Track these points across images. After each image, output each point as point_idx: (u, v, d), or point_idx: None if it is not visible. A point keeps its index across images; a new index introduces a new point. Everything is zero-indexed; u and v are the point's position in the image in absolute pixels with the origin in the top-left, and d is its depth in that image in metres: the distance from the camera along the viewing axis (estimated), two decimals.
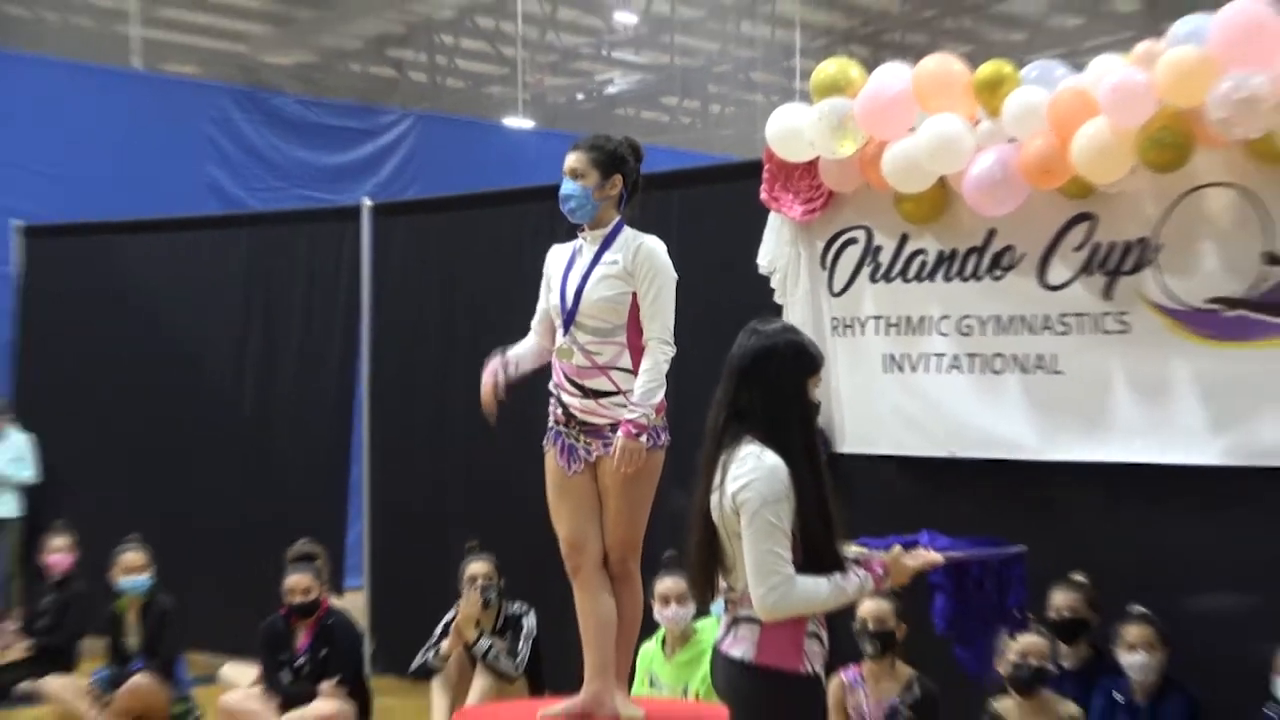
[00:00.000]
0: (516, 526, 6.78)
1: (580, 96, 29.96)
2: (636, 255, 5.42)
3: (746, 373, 4.36)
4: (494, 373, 5.68)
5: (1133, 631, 6.79)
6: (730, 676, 4.32)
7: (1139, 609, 6.89)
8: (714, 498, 4.30)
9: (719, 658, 4.39)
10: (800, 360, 4.42)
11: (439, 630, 8.42)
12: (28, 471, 11.84)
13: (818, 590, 4.15)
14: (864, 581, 4.31)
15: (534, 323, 5.73)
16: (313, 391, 11.12)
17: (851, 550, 4.42)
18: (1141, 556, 6.91)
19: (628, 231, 5.51)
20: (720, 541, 4.33)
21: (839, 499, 4.33)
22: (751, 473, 4.16)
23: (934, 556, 4.57)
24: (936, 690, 6.97)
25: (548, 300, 5.66)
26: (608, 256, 5.46)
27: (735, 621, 4.32)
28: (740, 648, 4.27)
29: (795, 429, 4.33)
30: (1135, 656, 6.80)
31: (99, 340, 12.35)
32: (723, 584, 4.41)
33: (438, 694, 8.26)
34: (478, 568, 8.30)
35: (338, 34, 26.68)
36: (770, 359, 4.38)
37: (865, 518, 4.68)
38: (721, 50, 28.07)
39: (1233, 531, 7.04)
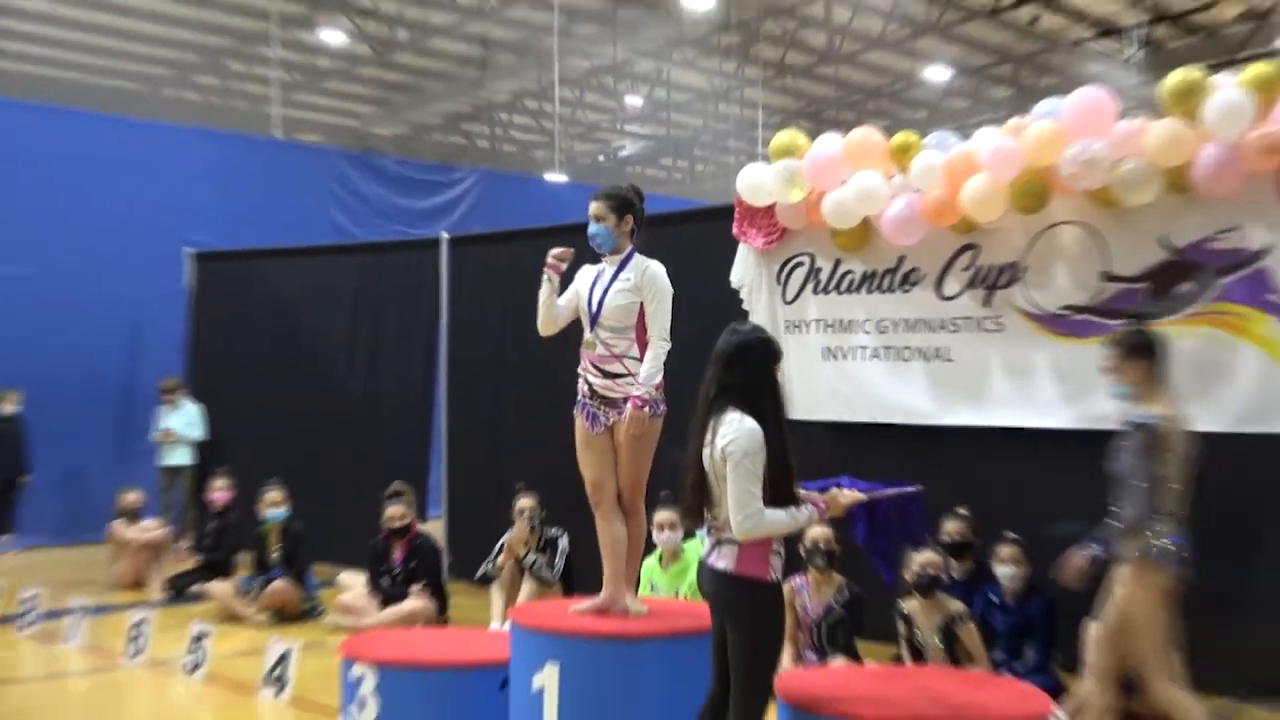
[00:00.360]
0: (554, 473, 6.85)
1: (601, 158, 30.41)
2: (644, 275, 5.57)
3: (730, 360, 4.59)
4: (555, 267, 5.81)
5: (1005, 551, 7.16)
6: (715, 582, 4.54)
7: (1010, 534, 7.22)
8: (706, 451, 4.54)
9: (705, 569, 4.62)
10: (769, 352, 4.67)
11: (496, 548, 8.88)
12: (198, 432, 12.30)
13: (779, 519, 4.41)
14: (811, 514, 4.60)
15: (561, 302, 5.78)
16: (405, 375, 11.39)
17: (800, 492, 4.44)
18: (1011, 495, 7.15)
19: (638, 257, 5.65)
20: (709, 483, 4.53)
21: (795, 453, 4.42)
22: (736, 433, 4.40)
23: (858, 495, 4.72)
24: (861, 592, 7.21)
25: (576, 302, 5.69)
26: (623, 275, 5.60)
27: (719, 542, 4.55)
28: (723, 561, 4.48)
29: (767, 402, 4.53)
30: (1006, 569, 7.18)
31: (249, 337, 12.72)
32: (709, 515, 4.53)
33: (495, 596, 8.76)
34: (525, 502, 8.74)
35: (423, 112, 27.26)
36: (748, 351, 4.61)
37: (808, 465, 4.74)
38: (704, 125, 28.32)
39: (1076, 476, 7.11)
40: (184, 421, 12.20)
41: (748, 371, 4.57)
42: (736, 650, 4.47)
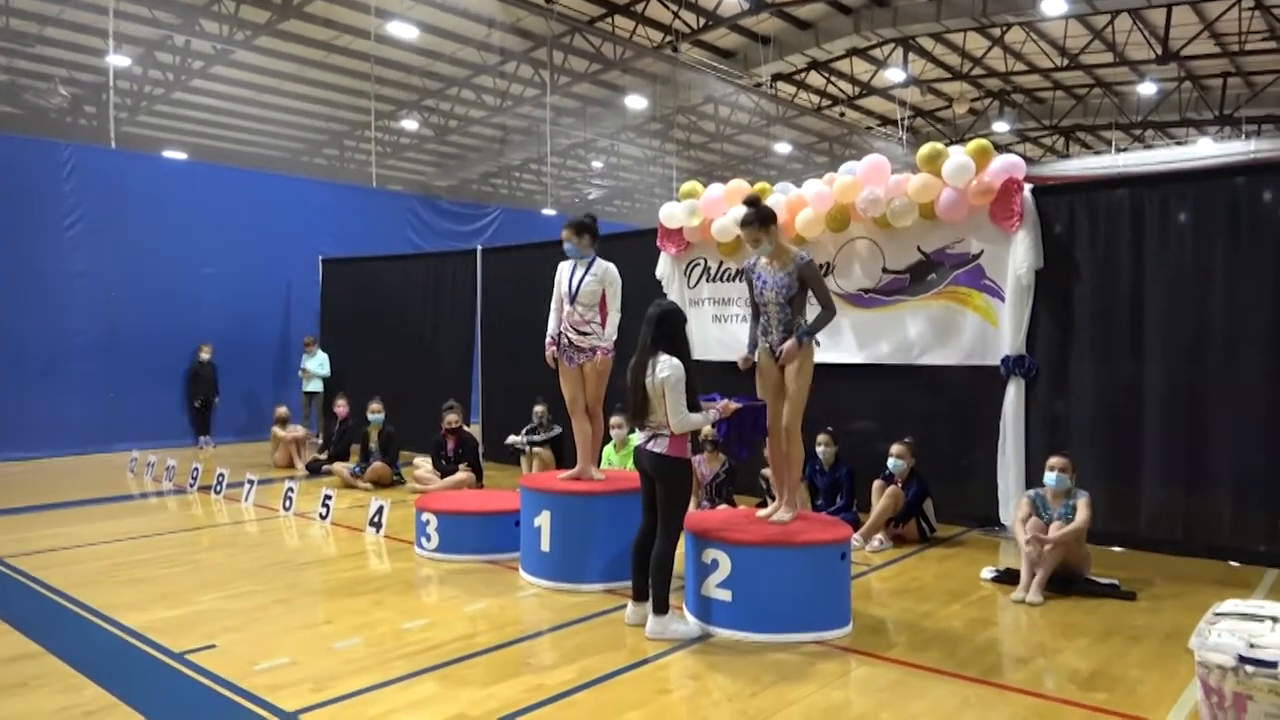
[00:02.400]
0: (552, 394, 6.75)
1: (577, 200, 30.19)
2: (605, 272, 5.56)
3: (658, 322, 4.55)
4: (551, 353, 5.68)
5: (821, 437, 6.94)
6: (651, 460, 4.53)
7: (828, 427, 6.94)
8: (648, 380, 4.49)
9: (643, 452, 4.59)
10: (680, 316, 4.63)
11: (512, 437, 8.79)
12: (325, 370, 12.09)
13: (698, 418, 4.50)
14: (711, 415, 4.60)
15: (552, 308, 5.65)
16: (456, 335, 11.20)
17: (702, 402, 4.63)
18: (825, 404, 6.99)
19: (599, 260, 5.50)
20: (650, 400, 4.49)
21: (697, 379, 4.49)
22: (670, 368, 4.43)
23: (736, 405, 4.61)
24: (735, 465, 7.21)
25: (559, 292, 5.56)
26: (591, 271, 5.59)
27: (654, 435, 4.54)
28: (658, 447, 4.50)
29: (682, 349, 4.54)
30: (822, 448, 6.96)
31: (358, 311, 12.47)
32: (648, 419, 4.53)
33: (524, 464, 8.72)
34: (539, 408, 8.73)
35: (466, 172, 27.08)
36: (669, 316, 4.58)
37: (705, 387, 4.70)
38: (640, 179, 28.17)
39: (863, 392, 7.19)
40: (316, 363, 11.98)
41: (670, 329, 4.51)
42: (664, 501, 4.52)
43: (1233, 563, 5.85)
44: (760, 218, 4.81)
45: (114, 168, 11.77)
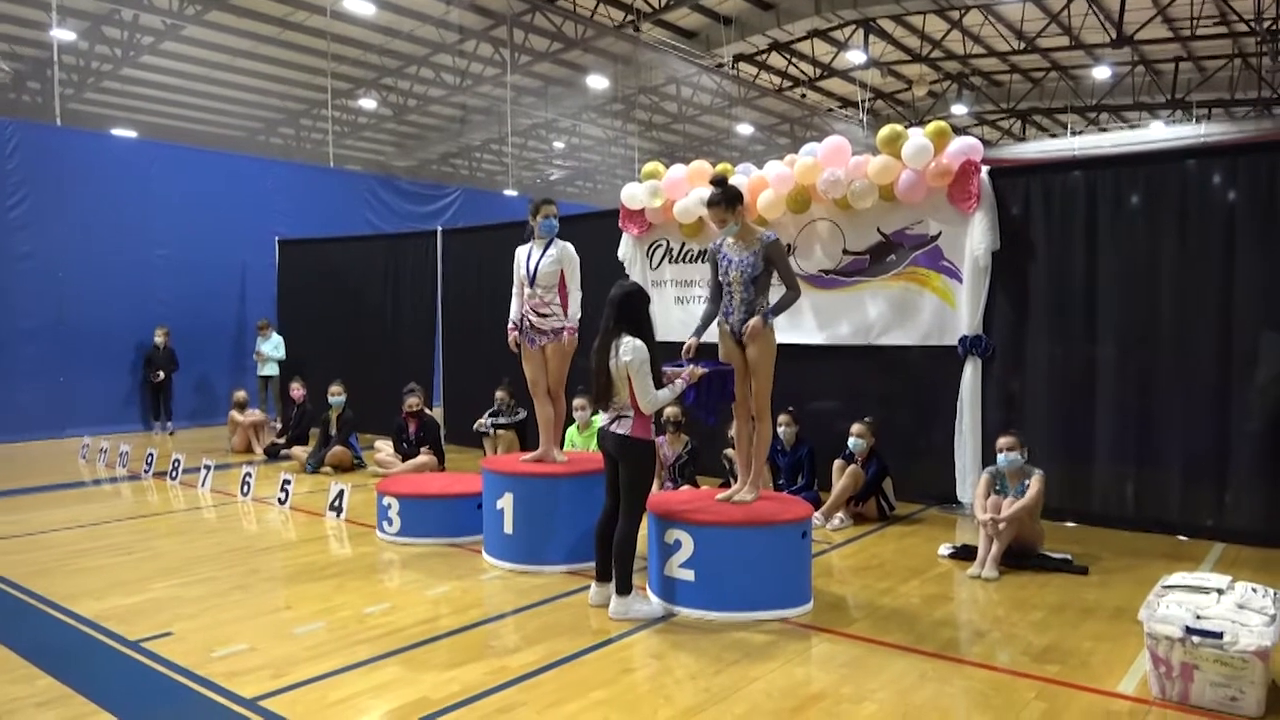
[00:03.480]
0: (516, 376, 6.72)
1: (539, 181, 29.72)
2: (563, 251, 5.46)
3: (620, 303, 4.52)
4: (514, 338, 5.64)
5: (783, 417, 6.92)
6: (616, 442, 4.51)
7: (789, 407, 6.96)
8: (612, 362, 4.46)
9: (608, 434, 4.56)
10: (643, 297, 4.61)
11: (480, 422, 8.69)
12: (281, 353, 11.93)
13: (664, 395, 4.48)
14: (677, 388, 4.55)
15: (514, 293, 5.60)
16: (416, 316, 11.12)
17: (667, 372, 4.62)
18: (787, 383, 7.01)
19: (558, 240, 5.44)
20: (614, 382, 4.47)
21: (659, 358, 4.50)
22: (634, 350, 4.40)
23: (700, 370, 4.59)
24: (697, 446, 7.20)
25: (519, 276, 5.52)
26: (549, 252, 5.46)
27: (618, 417, 4.51)
28: (623, 429, 4.49)
29: (645, 329, 4.51)
30: (784, 428, 6.96)
31: (316, 292, 12.29)
32: (612, 401, 4.52)
33: (488, 446, 8.67)
34: (502, 393, 8.70)
35: (426, 152, 26.64)
36: (632, 296, 4.55)
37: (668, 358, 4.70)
38: (601, 160, 28.02)
39: (824, 373, 7.25)
40: (271, 346, 11.79)
41: (632, 310, 4.47)
42: (626, 483, 4.51)
43: (1181, 537, 6.00)
44: (727, 198, 4.77)
45: (60, 146, 11.44)
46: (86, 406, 11.36)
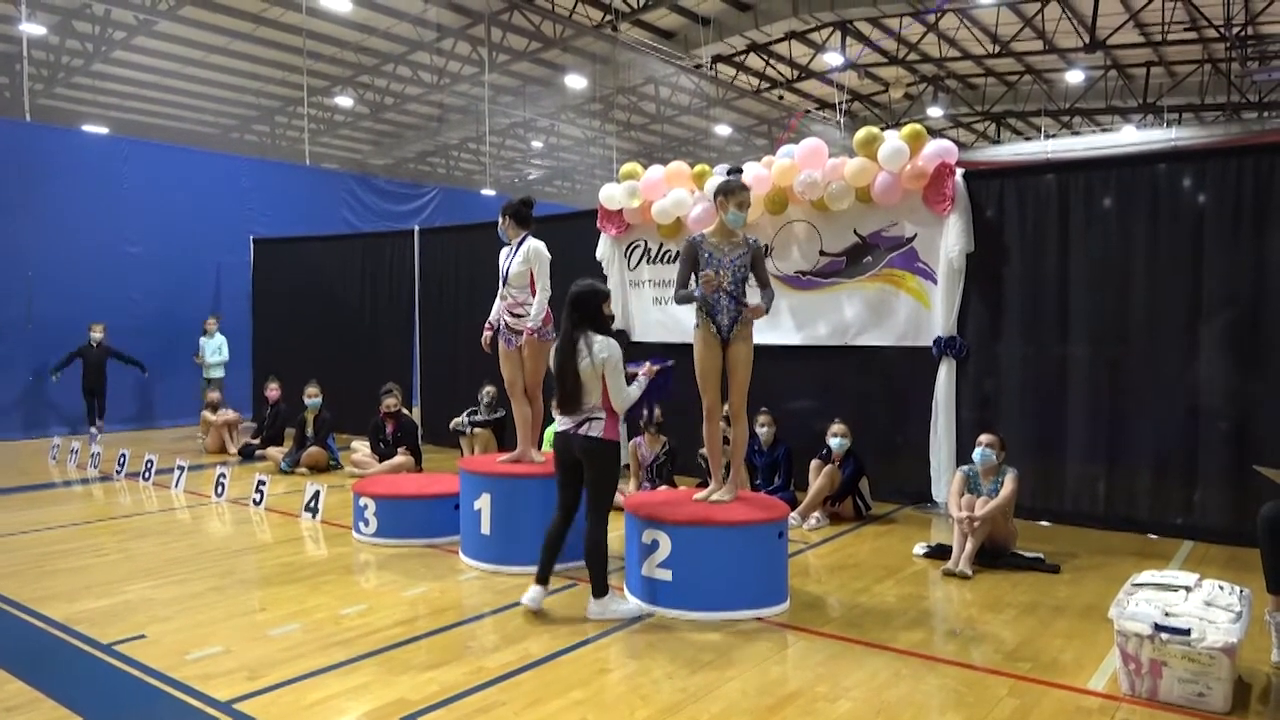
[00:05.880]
0: (494, 376, 6.70)
1: (516, 180, 29.93)
2: (530, 250, 5.49)
3: (575, 304, 4.51)
4: (487, 338, 5.68)
5: (761, 417, 6.95)
6: (586, 445, 4.45)
7: (764, 408, 6.97)
8: (582, 363, 4.41)
9: (575, 437, 4.50)
10: (595, 294, 4.56)
11: (457, 420, 8.62)
12: (224, 355, 11.72)
13: (633, 391, 4.52)
14: (641, 384, 4.59)
15: (498, 294, 5.62)
16: (394, 317, 11.04)
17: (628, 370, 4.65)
18: (765, 384, 7.04)
19: (529, 239, 5.46)
20: (583, 384, 4.42)
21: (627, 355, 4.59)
22: (607, 349, 4.41)
23: (654, 368, 4.70)
24: (675, 445, 7.25)
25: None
26: (519, 252, 5.39)
27: (587, 420, 4.47)
28: (595, 430, 4.44)
29: (603, 325, 4.52)
30: (762, 428, 7.01)
31: (292, 292, 12.10)
32: (583, 404, 4.46)
33: (465, 445, 8.67)
34: (489, 388, 8.65)
35: (403, 151, 26.41)
36: (584, 296, 4.53)
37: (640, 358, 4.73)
38: (580, 160, 27.92)
39: (801, 373, 7.28)
40: (214, 348, 11.61)
41: (587, 309, 4.46)
42: (595, 485, 4.50)
43: (1151, 535, 6.09)
44: (745, 187, 4.85)
45: (29, 141, 11.28)
46: (56, 407, 11.22)
